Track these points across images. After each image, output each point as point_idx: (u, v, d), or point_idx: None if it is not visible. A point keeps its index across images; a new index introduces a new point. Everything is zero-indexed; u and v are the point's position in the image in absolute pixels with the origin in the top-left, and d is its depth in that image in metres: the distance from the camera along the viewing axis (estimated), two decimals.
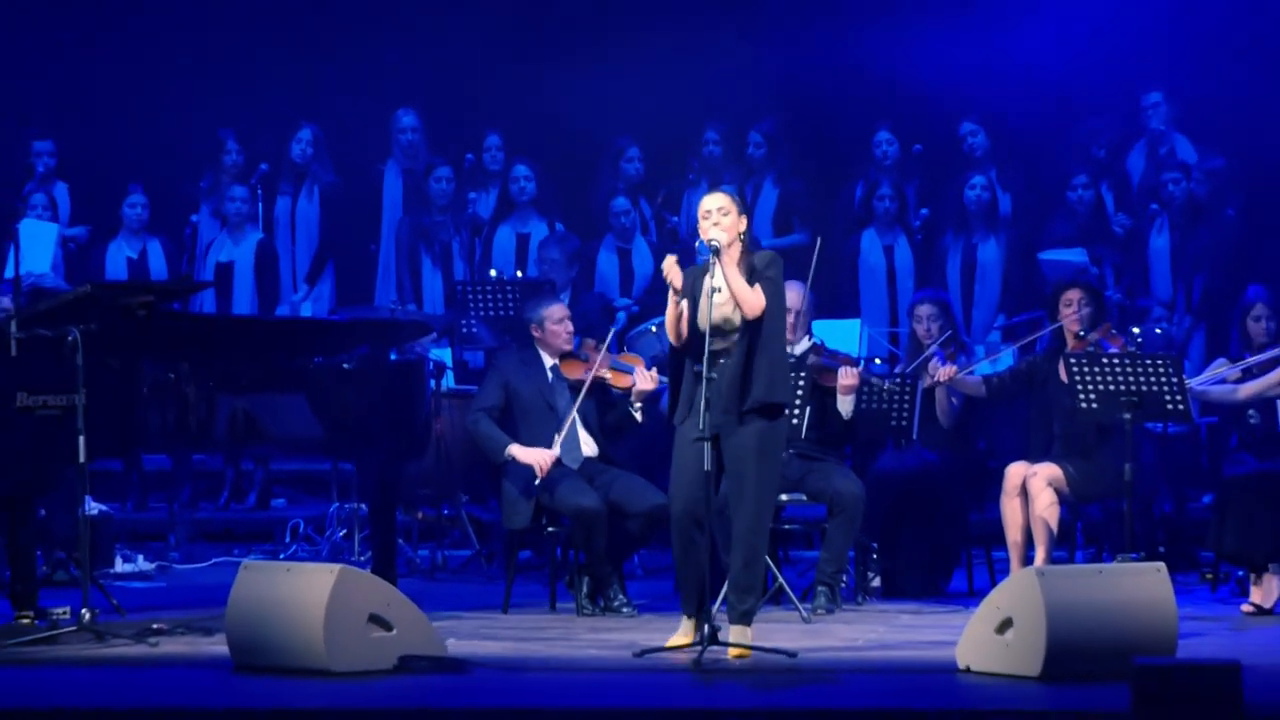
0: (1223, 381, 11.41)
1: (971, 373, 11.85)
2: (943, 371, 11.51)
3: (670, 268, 9.58)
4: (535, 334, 11.61)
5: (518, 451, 11.28)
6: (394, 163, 15.12)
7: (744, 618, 9.68)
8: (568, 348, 11.57)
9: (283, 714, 8.48)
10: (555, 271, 13.84)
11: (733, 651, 9.50)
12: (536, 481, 11.18)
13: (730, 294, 9.48)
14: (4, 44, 15.30)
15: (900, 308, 13.96)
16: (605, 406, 11.48)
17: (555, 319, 11.57)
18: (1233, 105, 14.76)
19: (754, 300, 9.47)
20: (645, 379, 11.31)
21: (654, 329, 12.94)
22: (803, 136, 15.11)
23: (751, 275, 9.53)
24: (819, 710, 8.42)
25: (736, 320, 9.50)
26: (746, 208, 9.85)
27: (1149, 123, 14.71)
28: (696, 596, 9.63)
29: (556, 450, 11.30)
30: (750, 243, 9.71)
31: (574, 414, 11.43)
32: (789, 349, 10.95)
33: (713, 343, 9.43)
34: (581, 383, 11.38)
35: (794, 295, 11.38)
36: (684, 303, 9.57)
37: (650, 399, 11.34)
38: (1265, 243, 13.96)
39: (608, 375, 11.39)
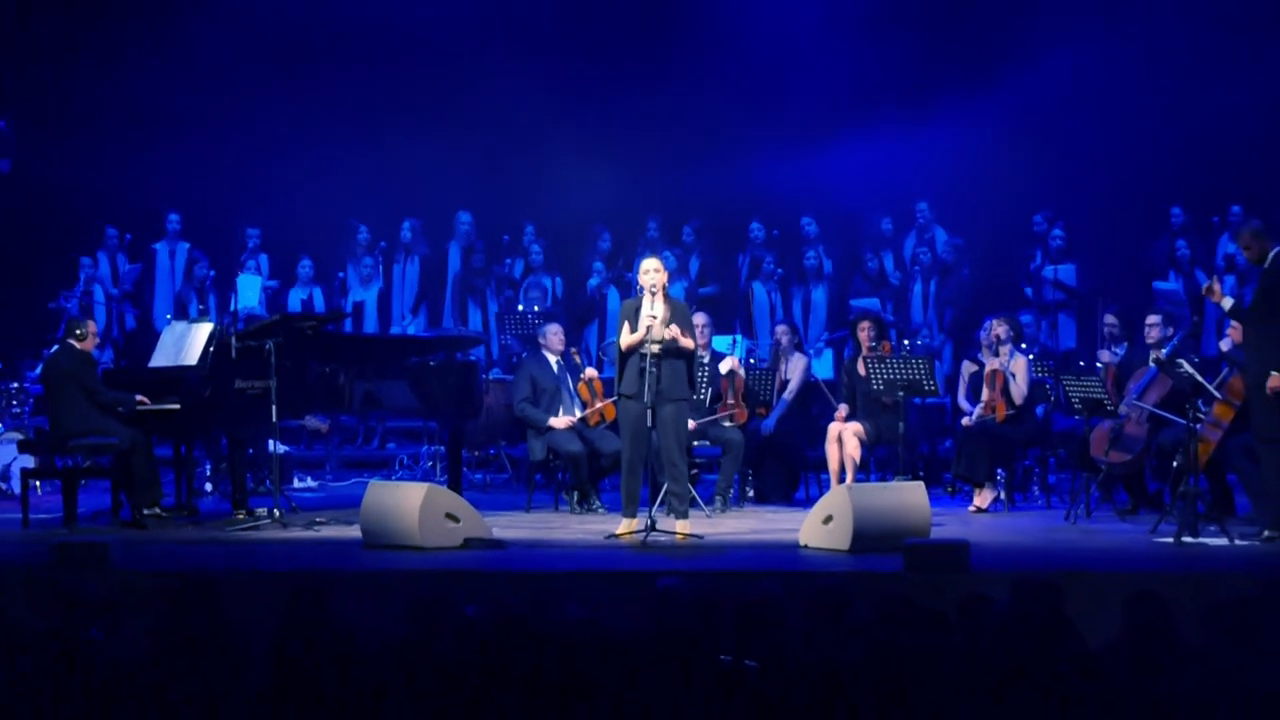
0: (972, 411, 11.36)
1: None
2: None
3: (642, 329, 9.60)
4: (541, 342, 11.66)
5: (554, 421, 11.30)
6: (455, 243, 14.89)
7: (683, 515, 9.74)
8: (560, 348, 11.55)
9: (394, 573, 8.54)
10: (538, 301, 13.80)
11: (679, 535, 9.57)
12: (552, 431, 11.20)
13: (663, 318, 9.56)
14: (227, 164, 15.12)
15: (761, 330, 13.96)
16: None
17: (551, 333, 11.63)
18: (972, 204, 14.58)
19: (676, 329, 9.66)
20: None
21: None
22: (713, 226, 14.96)
23: (673, 312, 9.69)
24: (717, 572, 8.46)
25: (658, 335, 9.57)
26: (668, 269, 10.02)
27: (918, 219, 14.65)
28: (634, 503, 9.71)
29: (574, 415, 11.39)
30: (667, 290, 9.82)
31: (574, 393, 11.54)
32: (703, 354, 11.21)
33: (651, 349, 9.56)
34: (587, 384, 11.52)
35: (701, 319, 11.45)
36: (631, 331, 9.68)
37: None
38: (989, 291, 13.87)
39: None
